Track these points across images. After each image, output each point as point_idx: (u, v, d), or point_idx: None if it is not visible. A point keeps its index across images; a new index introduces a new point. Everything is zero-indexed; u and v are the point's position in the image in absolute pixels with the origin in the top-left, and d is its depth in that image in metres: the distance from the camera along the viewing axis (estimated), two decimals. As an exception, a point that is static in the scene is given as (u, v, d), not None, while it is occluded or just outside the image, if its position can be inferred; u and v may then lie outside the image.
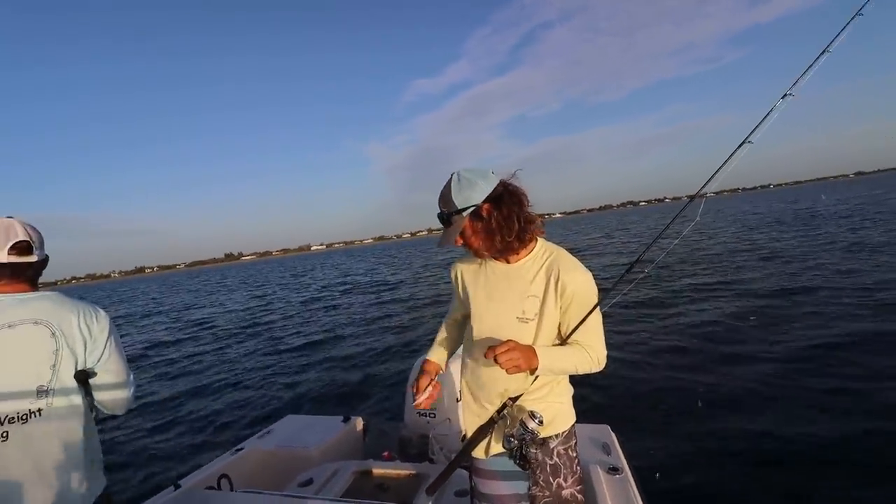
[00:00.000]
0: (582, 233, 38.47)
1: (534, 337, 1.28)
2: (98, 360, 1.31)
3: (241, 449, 2.45)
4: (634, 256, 1.53)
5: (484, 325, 1.35)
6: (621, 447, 2.14)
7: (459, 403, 1.83)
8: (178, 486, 1.98)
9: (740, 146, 1.48)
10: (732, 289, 8.54)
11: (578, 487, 1.38)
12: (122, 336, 1.43)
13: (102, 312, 1.35)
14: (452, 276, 1.48)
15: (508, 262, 1.34)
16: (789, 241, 14.53)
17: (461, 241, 1.30)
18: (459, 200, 1.24)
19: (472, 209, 1.24)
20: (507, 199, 1.25)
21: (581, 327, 1.28)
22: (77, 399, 1.26)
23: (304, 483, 2.13)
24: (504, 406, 1.31)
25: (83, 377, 1.28)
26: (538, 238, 1.34)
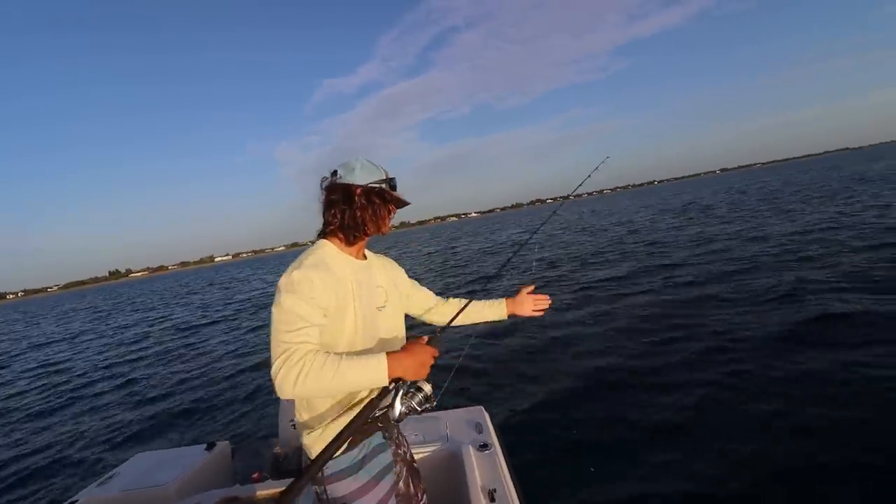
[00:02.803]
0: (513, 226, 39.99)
1: (394, 320, 1.44)
2: None
3: (75, 502, 2.12)
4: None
5: (370, 323, 1.33)
6: (493, 426, 2.28)
7: None
8: None
9: (566, 198, 2.19)
10: (592, 278, 9.45)
11: None
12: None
13: None
14: (315, 289, 1.19)
15: (363, 256, 1.42)
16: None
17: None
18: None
19: None
20: None
21: None
22: None
23: None
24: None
25: None
26: None
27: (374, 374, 1.14)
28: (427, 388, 1.25)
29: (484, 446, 2.05)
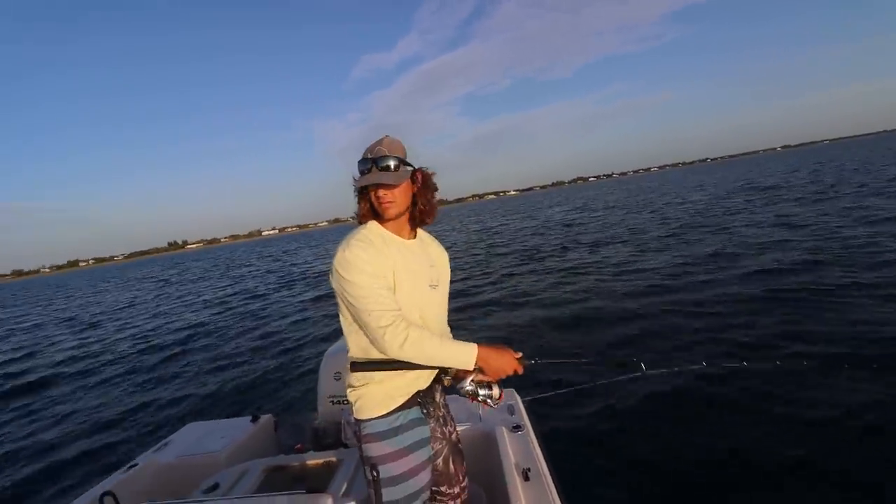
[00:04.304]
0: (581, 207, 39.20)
1: (442, 301, 1.47)
2: None
3: (135, 465, 2.29)
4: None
5: (420, 299, 1.38)
6: (525, 408, 2.31)
7: None
8: None
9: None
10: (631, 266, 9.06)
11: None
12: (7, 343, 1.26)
13: None
14: (367, 262, 1.25)
15: (412, 236, 1.44)
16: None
17: (391, 198, 1.32)
18: (407, 156, 1.37)
19: (413, 168, 1.37)
20: (430, 177, 1.41)
21: None
22: None
23: (209, 489, 2.04)
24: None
25: None
26: None
27: (464, 358, 1.29)
28: (496, 390, 1.37)
29: (517, 427, 2.08)
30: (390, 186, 1.30)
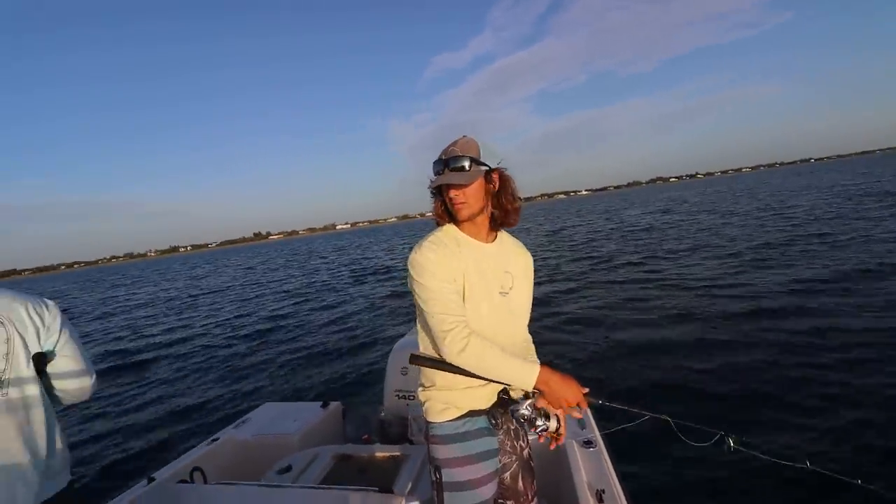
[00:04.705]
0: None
1: (515, 308, 1.39)
2: (54, 346, 1.30)
3: (217, 439, 2.45)
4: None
5: (489, 304, 1.34)
6: (595, 421, 2.19)
7: None
8: (151, 480, 1.99)
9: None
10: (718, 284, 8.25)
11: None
12: (108, 322, 1.39)
13: (52, 303, 1.35)
14: (437, 266, 1.25)
15: (491, 239, 1.39)
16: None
17: (462, 199, 1.29)
18: (481, 155, 1.30)
19: (487, 168, 1.30)
20: (510, 178, 1.35)
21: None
22: (34, 389, 1.25)
23: (282, 470, 2.16)
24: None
25: (40, 359, 1.27)
26: None
27: (524, 377, 1.22)
28: (553, 423, 1.26)
29: (588, 443, 1.98)
30: (461, 186, 1.27)
